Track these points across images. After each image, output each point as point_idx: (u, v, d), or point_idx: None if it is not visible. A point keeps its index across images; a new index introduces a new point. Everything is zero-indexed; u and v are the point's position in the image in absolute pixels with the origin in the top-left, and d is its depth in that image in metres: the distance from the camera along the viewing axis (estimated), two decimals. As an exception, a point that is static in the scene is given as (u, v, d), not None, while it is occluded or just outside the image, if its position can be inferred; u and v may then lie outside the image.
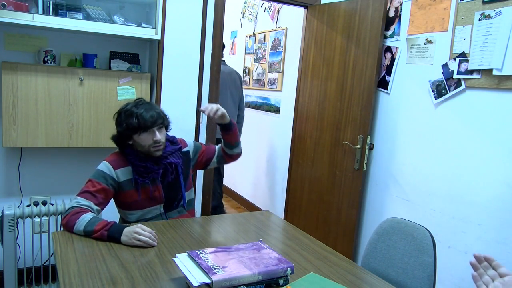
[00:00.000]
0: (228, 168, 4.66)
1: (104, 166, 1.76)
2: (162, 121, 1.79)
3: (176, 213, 1.94)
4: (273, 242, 1.72)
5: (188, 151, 1.99)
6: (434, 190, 2.42)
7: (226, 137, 1.99)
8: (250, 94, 4.65)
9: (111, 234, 1.53)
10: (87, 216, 1.59)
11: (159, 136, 1.76)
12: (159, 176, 1.82)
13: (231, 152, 2.04)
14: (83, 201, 1.66)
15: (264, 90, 4.35)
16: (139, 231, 1.53)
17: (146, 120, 1.72)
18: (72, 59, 2.52)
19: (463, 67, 2.23)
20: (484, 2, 2.13)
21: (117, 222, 1.66)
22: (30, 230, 2.43)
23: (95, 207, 1.68)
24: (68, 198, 2.52)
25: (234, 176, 4.99)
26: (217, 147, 2.09)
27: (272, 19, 4.23)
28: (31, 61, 2.44)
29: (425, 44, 2.47)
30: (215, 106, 1.86)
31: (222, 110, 1.87)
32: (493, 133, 2.12)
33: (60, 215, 2.37)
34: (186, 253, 1.35)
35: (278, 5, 4.05)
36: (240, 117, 3.92)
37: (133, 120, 1.72)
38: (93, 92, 2.45)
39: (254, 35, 4.58)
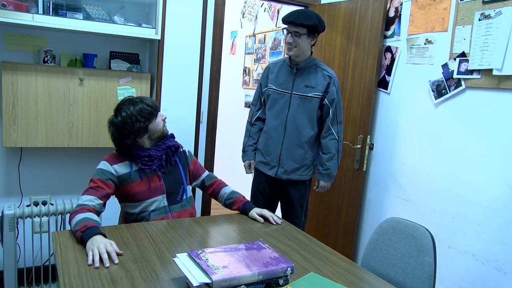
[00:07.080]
0: (228, 168, 4.66)
1: (102, 164, 1.86)
2: None
3: (179, 207, 1.96)
4: (273, 242, 1.72)
5: (185, 151, 2.09)
6: (434, 190, 2.42)
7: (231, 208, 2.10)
8: (250, 94, 4.65)
9: (83, 237, 1.52)
10: (79, 216, 1.61)
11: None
12: (163, 162, 1.91)
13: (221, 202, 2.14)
14: (85, 198, 1.73)
15: (264, 90, 4.34)
16: (102, 249, 1.43)
17: (154, 104, 1.91)
18: (72, 59, 2.52)
19: (463, 67, 2.23)
20: (484, 2, 2.13)
21: (100, 227, 1.61)
22: (30, 230, 2.43)
23: (98, 201, 1.74)
24: (68, 198, 2.52)
25: (234, 176, 4.98)
26: (205, 177, 2.14)
27: (272, 19, 4.23)
28: (31, 61, 2.44)
29: (425, 44, 2.47)
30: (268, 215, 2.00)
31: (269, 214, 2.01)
32: (493, 133, 2.12)
33: (60, 215, 2.37)
34: (186, 253, 1.35)
35: (278, 5, 4.05)
36: None
37: (147, 109, 1.86)
38: (93, 92, 2.45)
39: (254, 35, 4.58)
